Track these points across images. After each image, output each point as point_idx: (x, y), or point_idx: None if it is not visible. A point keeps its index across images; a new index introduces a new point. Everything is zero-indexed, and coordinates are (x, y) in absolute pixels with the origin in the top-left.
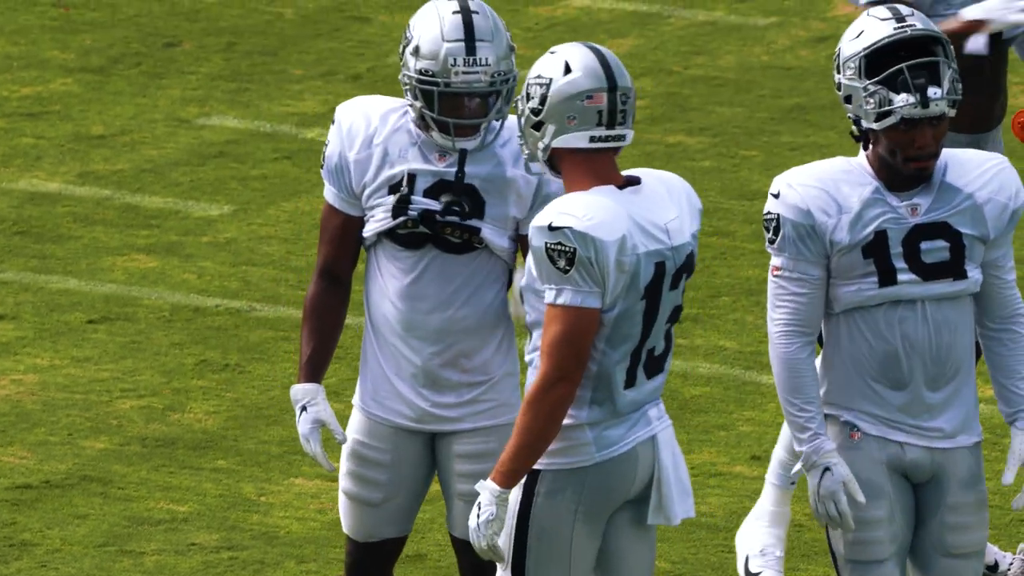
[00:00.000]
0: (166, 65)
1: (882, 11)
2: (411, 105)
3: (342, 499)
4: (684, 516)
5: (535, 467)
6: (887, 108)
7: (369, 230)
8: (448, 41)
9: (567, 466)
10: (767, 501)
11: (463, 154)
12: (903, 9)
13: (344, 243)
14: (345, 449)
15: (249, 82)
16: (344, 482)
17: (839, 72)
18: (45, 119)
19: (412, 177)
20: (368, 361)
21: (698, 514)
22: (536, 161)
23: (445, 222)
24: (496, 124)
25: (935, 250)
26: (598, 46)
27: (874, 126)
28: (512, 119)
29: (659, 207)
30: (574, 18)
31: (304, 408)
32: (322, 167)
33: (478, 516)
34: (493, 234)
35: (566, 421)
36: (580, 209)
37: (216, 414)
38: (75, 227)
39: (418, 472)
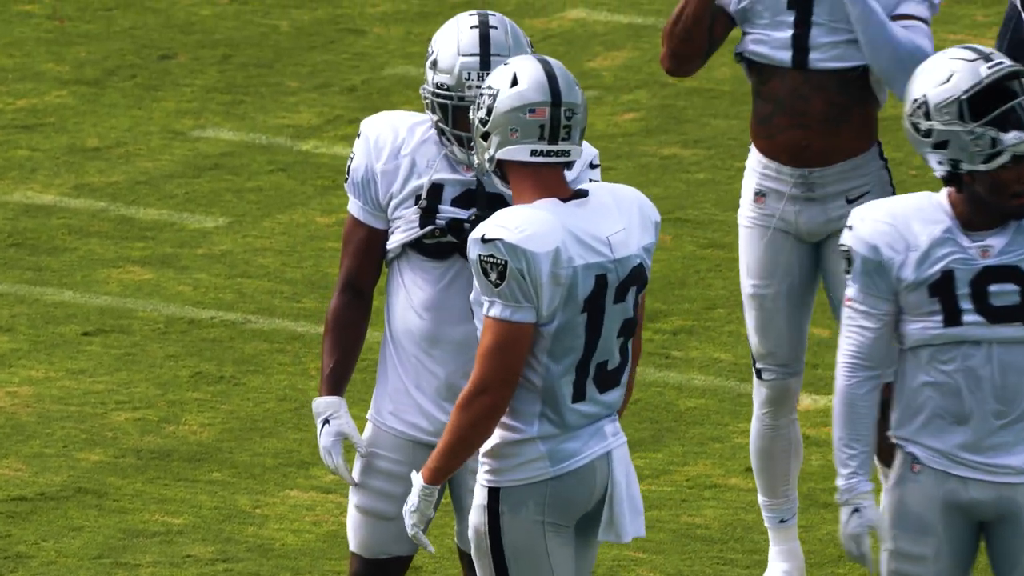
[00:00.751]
0: (161, 77)
1: (963, 52)
2: (432, 119)
3: (353, 514)
4: (634, 535)
5: (493, 486)
6: (998, 148)
7: (394, 241)
8: (463, 56)
9: (524, 481)
10: (770, 542)
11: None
12: (979, 47)
13: (368, 256)
14: (359, 463)
15: (244, 94)
16: (358, 497)
17: (927, 119)
18: (40, 131)
19: (440, 187)
20: (388, 374)
21: (693, 526)
22: (484, 172)
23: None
24: None
25: (1004, 293)
26: (553, 61)
27: (981, 167)
28: None
29: (603, 220)
30: (569, 30)
31: (326, 421)
32: (346, 181)
33: (407, 503)
34: None
35: (516, 437)
36: (514, 221)
37: (211, 426)
38: (70, 239)
39: None
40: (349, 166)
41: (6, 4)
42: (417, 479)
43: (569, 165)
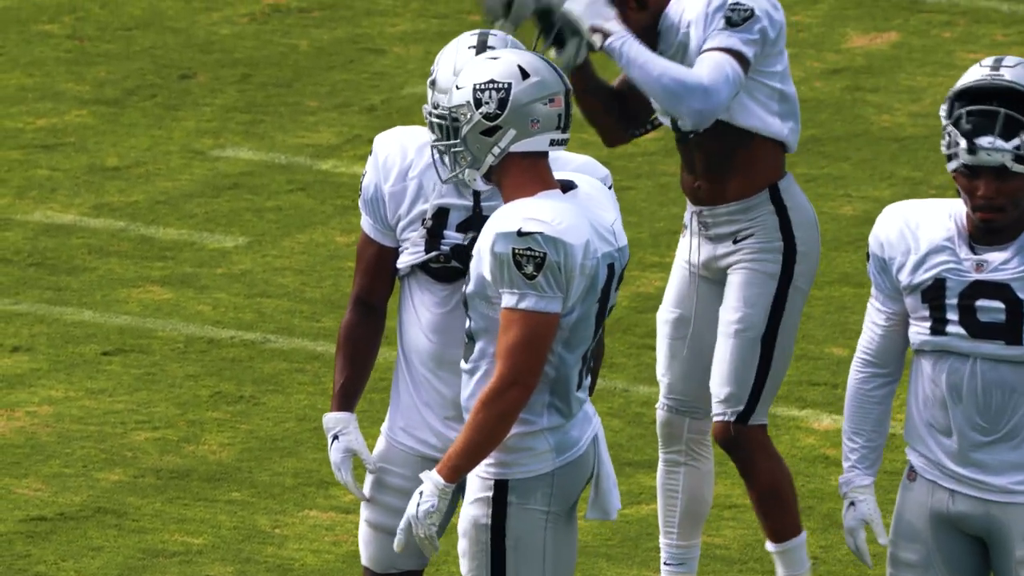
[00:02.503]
0: (181, 97)
1: (990, 60)
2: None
3: (363, 528)
4: (616, 509)
5: (501, 478)
6: (952, 151)
7: (403, 262)
8: None
9: (533, 473)
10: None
11: (476, 193)
12: (1011, 59)
13: (379, 273)
14: (369, 478)
15: (264, 114)
16: (368, 511)
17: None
18: (60, 151)
19: (445, 211)
20: (399, 390)
21: (713, 546)
22: (477, 167)
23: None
24: None
25: (990, 310)
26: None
27: (948, 167)
28: None
29: (602, 210)
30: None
31: (336, 437)
32: (359, 197)
33: (418, 505)
34: None
35: (525, 429)
36: (547, 214)
37: (231, 446)
38: (90, 259)
39: None
40: (361, 183)
41: (26, 24)
42: (434, 477)
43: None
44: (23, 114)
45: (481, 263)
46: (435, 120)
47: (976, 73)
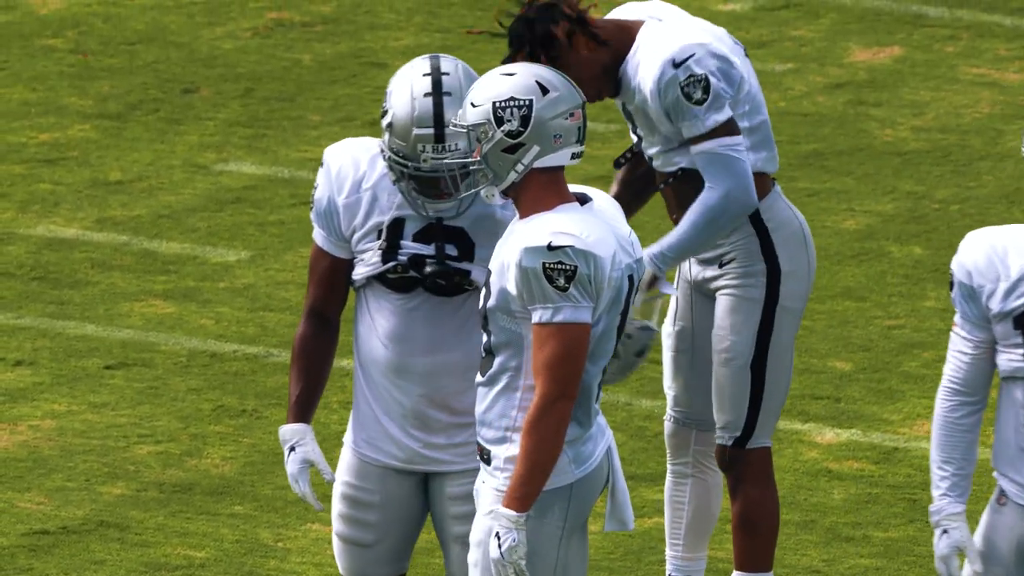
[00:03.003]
0: (184, 111)
1: None
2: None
3: (335, 540)
4: (632, 520)
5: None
6: None
7: (359, 273)
8: (418, 127)
9: (552, 486)
10: None
11: (439, 223)
12: None
13: (333, 285)
14: (336, 491)
15: (267, 128)
16: (336, 524)
17: None
18: (63, 165)
19: (401, 221)
20: (359, 402)
21: (718, 560)
22: (498, 184)
23: (434, 266)
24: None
25: None
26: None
27: None
28: None
29: (618, 222)
30: None
31: (292, 448)
32: (311, 210)
33: (499, 546)
34: (483, 276)
35: None
36: (575, 227)
37: (233, 460)
38: (93, 273)
39: (410, 512)
40: (313, 196)
41: (29, 39)
42: (505, 512)
43: None
44: (26, 128)
45: (504, 278)
46: (392, 162)
47: None
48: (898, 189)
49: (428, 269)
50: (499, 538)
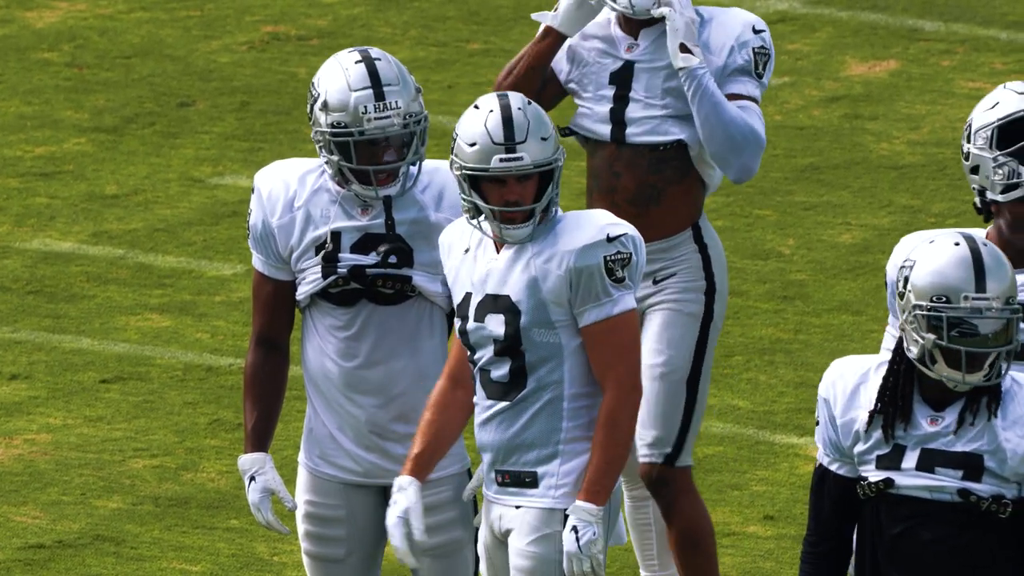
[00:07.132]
0: (180, 125)
1: (1020, 85)
2: (328, 161)
3: (305, 560)
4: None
5: (561, 508)
6: (1014, 181)
7: (302, 292)
8: (356, 90)
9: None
10: None
11: (388, 202)
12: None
13: (278, 309)
14: (299, 511)
15: (263, 141)
16: (304, 543)
17: (968, 141)
18: (59, 179)
19: (337, 235)
20: (311, 420)
21: None
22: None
23: (376, 275)
24: (414, 170)
25: None
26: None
27: (999, 198)
28: (429, 163)
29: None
30: None
31: (252, 478)
32: (247, 237)
33: (577, 540)
34: (425, 280)
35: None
36: (618, 218)
37: (229, 473)
38: (88, 286)
39: (375, 524)
40: (248, 222)
41: (25, 52)
42: (586, 507)
43: None
44: (22, 142)
45: (539, 289)
46: (336, 140)
47: (1018, 102)
48: (894, 203)
49: (369, 273)
50: (576, 532)
